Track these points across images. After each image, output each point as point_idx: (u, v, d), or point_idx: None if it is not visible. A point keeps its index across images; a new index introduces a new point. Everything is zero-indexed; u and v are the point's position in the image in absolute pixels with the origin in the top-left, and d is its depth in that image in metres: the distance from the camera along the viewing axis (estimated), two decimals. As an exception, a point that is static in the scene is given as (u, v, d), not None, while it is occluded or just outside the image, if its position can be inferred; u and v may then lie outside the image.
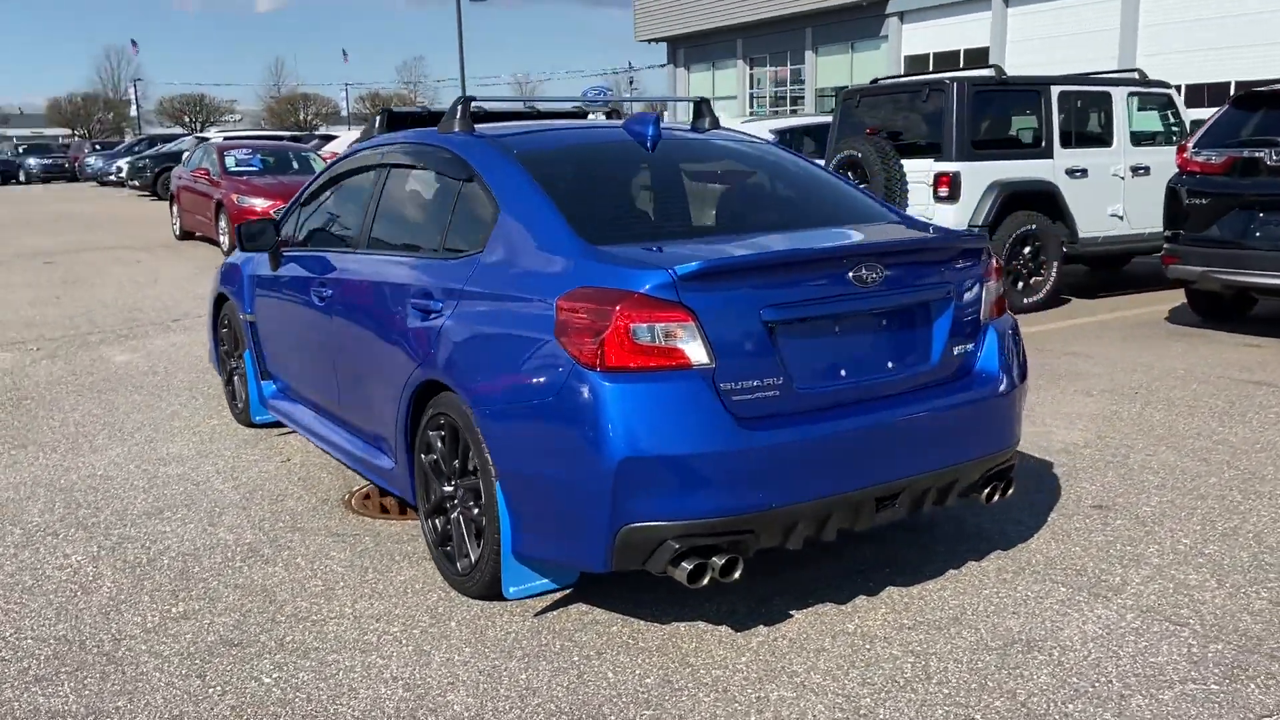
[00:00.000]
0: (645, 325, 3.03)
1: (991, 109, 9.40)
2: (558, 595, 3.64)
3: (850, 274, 3.28)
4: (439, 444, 3.70)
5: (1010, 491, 3.78)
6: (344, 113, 63.10)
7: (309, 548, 4.17)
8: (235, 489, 4.91)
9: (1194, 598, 3.57)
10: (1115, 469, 4.93)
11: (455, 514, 3.69)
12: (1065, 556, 3.94)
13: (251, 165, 15.90)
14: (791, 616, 3.50)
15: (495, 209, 3.66)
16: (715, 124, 4.64)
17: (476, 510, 3.54)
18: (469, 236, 3.78)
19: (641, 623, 3.46)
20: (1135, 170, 9.79)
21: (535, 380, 3.21)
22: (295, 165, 16.53)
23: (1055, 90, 9.45)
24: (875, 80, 10.52)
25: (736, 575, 3.17)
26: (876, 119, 9.75)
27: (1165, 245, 8.35)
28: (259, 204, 14.42)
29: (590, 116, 5.82)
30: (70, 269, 13.68)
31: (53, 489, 4.95)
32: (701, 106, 4.68)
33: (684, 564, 3.09)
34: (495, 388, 3.37)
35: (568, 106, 5.75)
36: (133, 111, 69.15)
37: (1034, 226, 9.23)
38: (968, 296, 3.62)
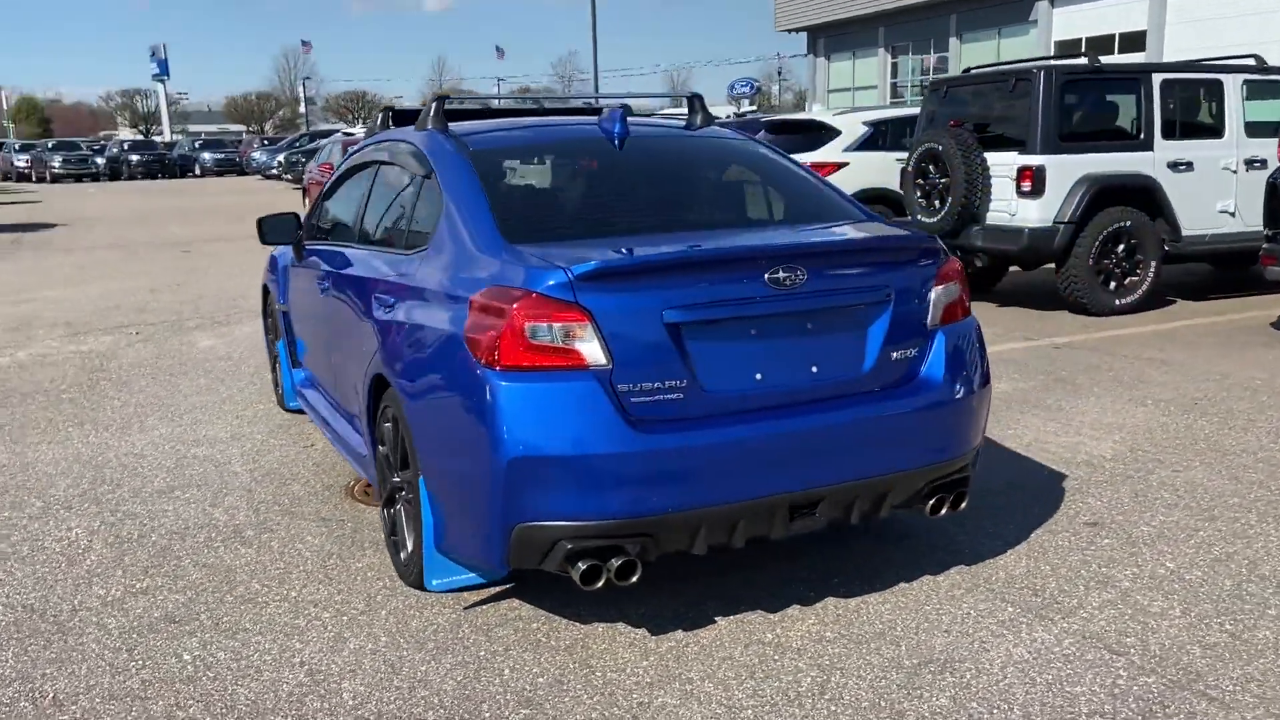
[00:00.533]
0: (541, 325, 3.03)
1: (1083, 99, 8.94)
2: (496, 589, 3.68)
3: (767, 275, 3.20)
4: (388, 436, 3.79)
5: (963, 504, 3.62)
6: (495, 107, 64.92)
7: (290, 532, 4.33)
8: (250, 472, 5.13)
9: (1147, 626, 3.34)
10: (1131, 485, 4.64)
11: (398, 505, 3.78)
12: (1030, 575, 3.74)
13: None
14: (714, 623, 3.44)
15: (442, 206, 3.72)
16: (708, 120, 4.58)
17: (411, 502, 3.62)
18: (422, 232, 3.85)
19: (563, 621, 3.47)
20: (1250, 164, 9.14)
21: (448, 377, 3.26)
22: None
23: (1157, 79, 8.91)
24: (967, 70, 10.13)
25: (633, 579, 3.14)
26: (965, 111, 9.40)
27: (1264, 245, 7.78)
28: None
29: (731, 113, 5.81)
30: (200, 258, 14.48)
31: (87, 465, 5.28)
32: (694, 102, 4.63)
33: (580, 564, 3.08)
34: (421, 383, 3.44)
35: (577, 103, 5.76)
36: (302, 108, 72.70)
37: (1128, 223, 8.73)
38: (911, 300, 3.48)
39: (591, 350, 3.04)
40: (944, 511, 3.58)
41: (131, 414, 6.27)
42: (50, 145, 47.74)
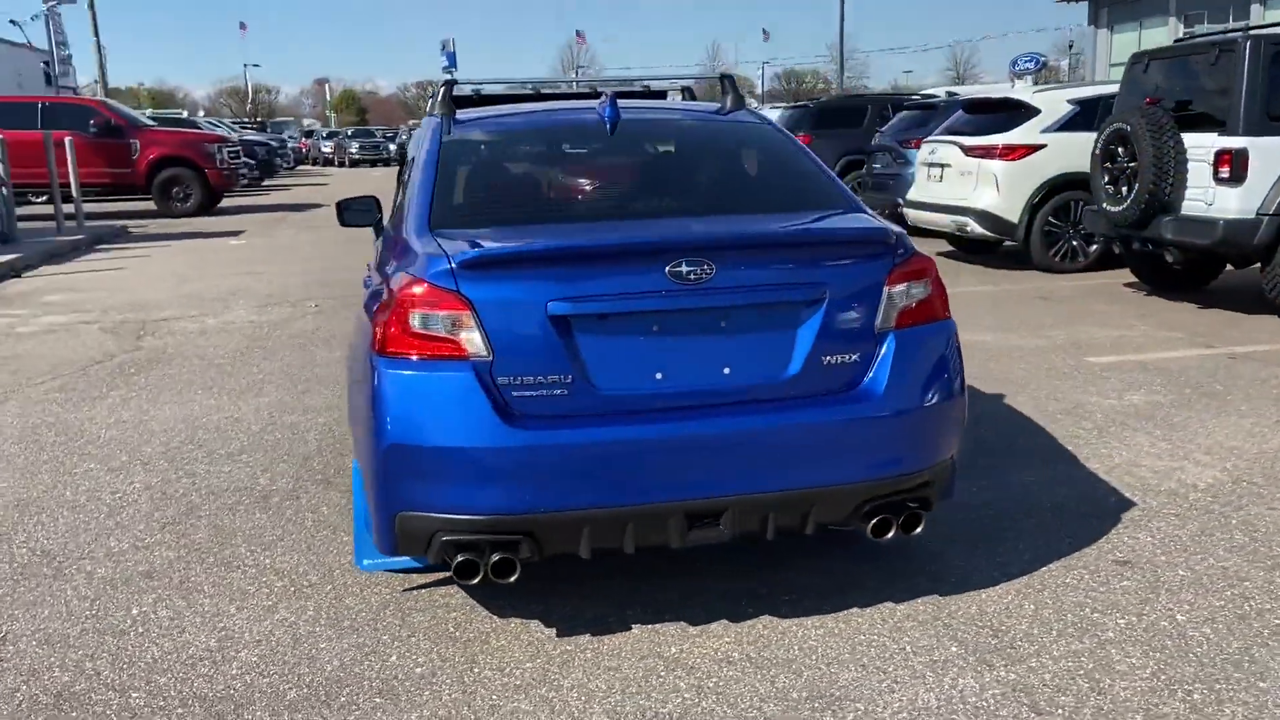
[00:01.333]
0: (423, 313, 3.00)
1: (1301, 72, 7.77)
2: (441, 575, 3.69)
3: (668, 269, 3.00)
4: (362, 416, 3.88)
5: (917, 527, 3.27)
6: (758, 90, 64.38)
7: (311, 502, 4.53)
8: (318, 441, 5.40)
9: (1098, 686, 2.89)
10: (1204, 521, 4.02)
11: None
12: (1006, 613, 3.33)
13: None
14: (628, 630, 3.30)
15: (406, 192, 3.75)
16: (739, 103, 4.35)
17: None
18: (395, 219, 3.90)
19: (483, 613, 3.43)
20: None
21: (358, 362, 3.30)
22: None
23: (1398, 48, 7.61)
24: (1180, 39, 9.05)
25: (512, 579, 3.05)
26: (1166, 86, 8.42)
27: None
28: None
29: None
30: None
31: (188, 426, 5.73)
32: (724, 83, 4.41)
33: (457, 558, 3.03)
34: (351, 367, 3.50)
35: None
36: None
37: (1352, 217, 7.54)
38: (854, 300, 3.16)
39: (472, 341, 2.97)
40: (891, 534, 3.24)
41: (259, 381, 6.75)
42: (349, 133, 52.07)
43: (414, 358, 3.01)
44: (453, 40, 67.29)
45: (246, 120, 58.29)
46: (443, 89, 4.28)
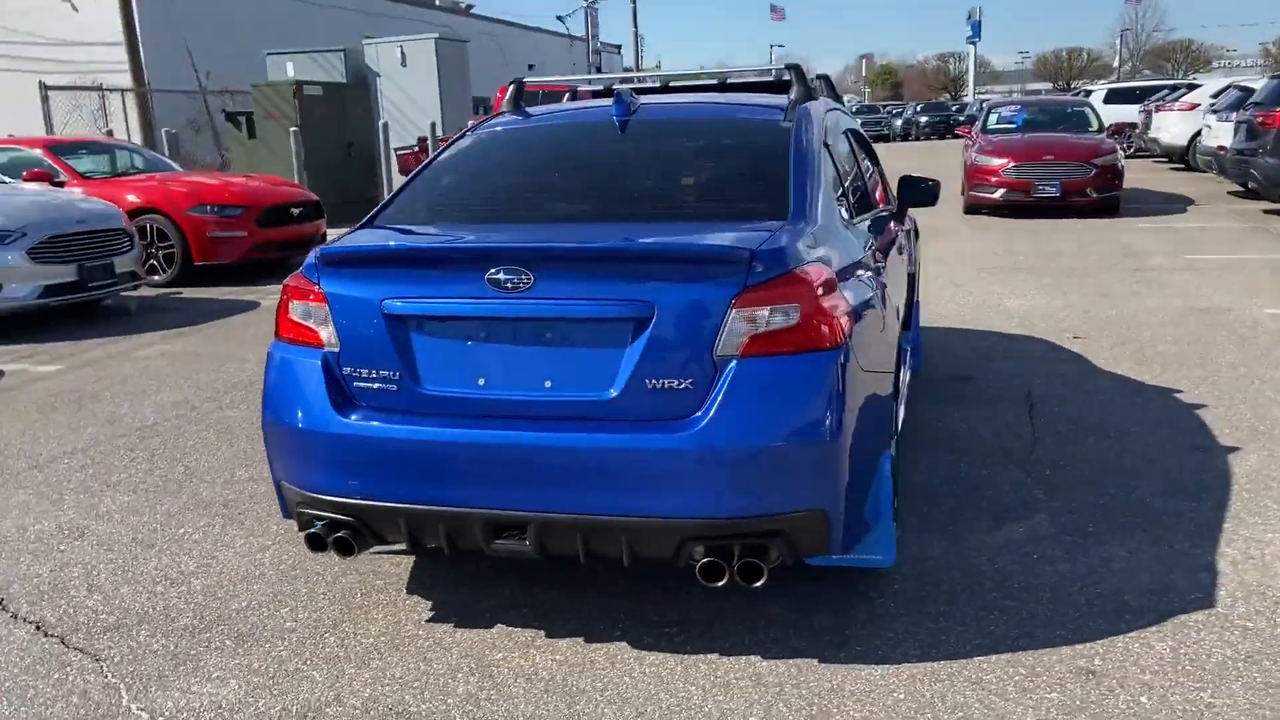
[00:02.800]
0: (295, 303, 3.27)
1: None
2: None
3: (487, 276, 2.99)
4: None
5: (758, 580, 2.95)
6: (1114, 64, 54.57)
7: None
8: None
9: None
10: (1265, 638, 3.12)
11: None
12: (863, 696, 2.90)
13: (1012, 122, 15.68)
14: (512, 631, 3.33)
15: None
16: (806, 95, 4.07)
17: None
18: None
19: (414, 599, 3.62)
20: None
21: None
22: (1069, 121, 15.79)
23: None
24: None
25: (351, 557, 3.24)
26: None
27: None
28: (995, 163, 14.35)
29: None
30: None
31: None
32: (792, 74, 4.14)
33: (309, 530, 3.28)
34: None
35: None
36: (1115, 62, 69.08)
37: None
38: (689, 323, 2.90)
39: (326, 332, 3.19)
40: (723, 581, 2.96)
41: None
42: (853, 110, 52.55)
43: (288, 343, 3.29)
44: (979, 9, 64.86)
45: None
46: (512, 87, 4.46)
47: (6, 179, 9.84)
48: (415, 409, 3.10)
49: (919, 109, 52.50)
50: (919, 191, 5.38)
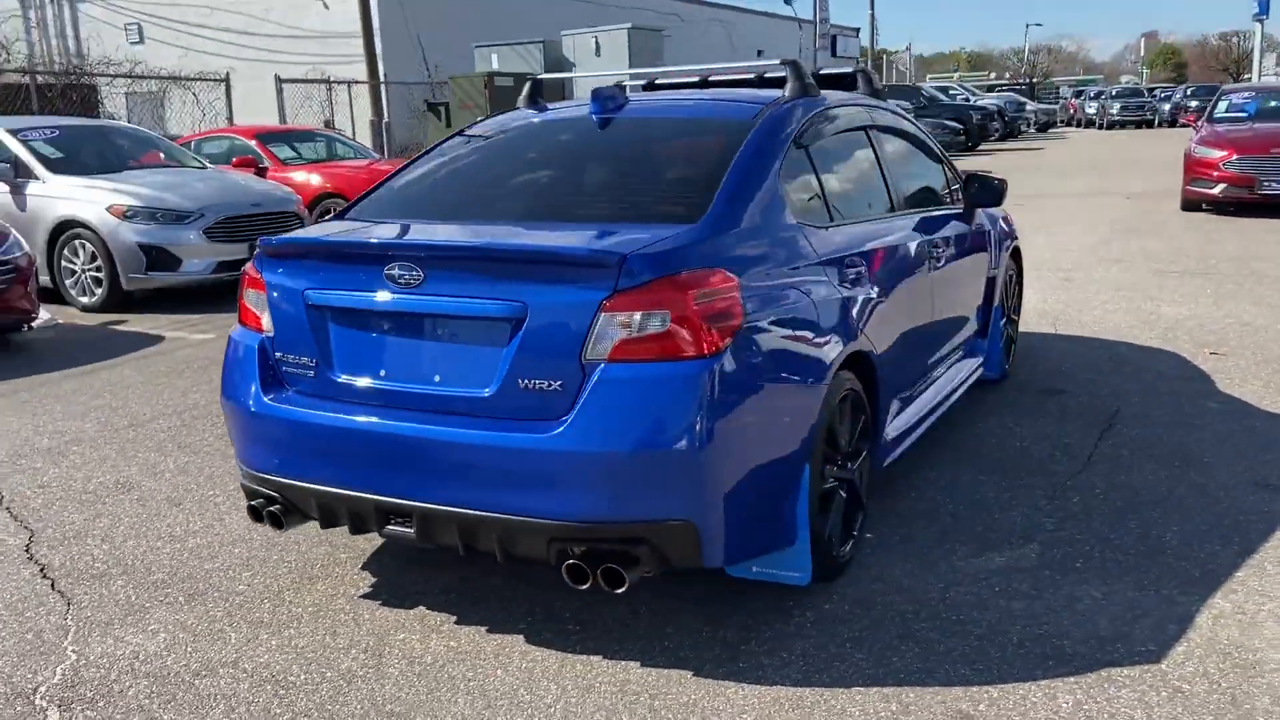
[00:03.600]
0: (248, 289, 3.51)
1: None
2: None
3: (385, 271, 3.11)
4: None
5: (621, 586, 2.94)
6: None
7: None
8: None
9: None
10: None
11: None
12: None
13: (1242, 111, 14.27)
14: (427, 615, 3.47)
15: None
16: (800, 90, 3.97)
17: None
18: None
19: (364, 574, 3.82)
20: None
21: None
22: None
23: None
24: None
25: (282, 530, 3.45)
26: None
27: None
28: (1214, 155, 13.17)
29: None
30: (1032, 212, 14.35)
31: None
32: (796, 72, 4.02)
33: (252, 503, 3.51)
34: None
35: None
36: None
37: None
38: (559, 324, 2.91)
39: (266, 318, 3.41)
40: (588, 585, 2.96)
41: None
42: (1113, 92, 49.04)
43: (241, 326, 3.53)
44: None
45: (1018, 82, 58.05)
46: (528, 85, 4.56)
47: (207, 164, 10.84)
48: (327, 395, 3.26)
49: (1188, 92, 48.25)
50: (984, 190, 5.08)
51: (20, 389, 6.47)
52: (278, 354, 3.37)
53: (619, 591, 2.96)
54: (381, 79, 20.48)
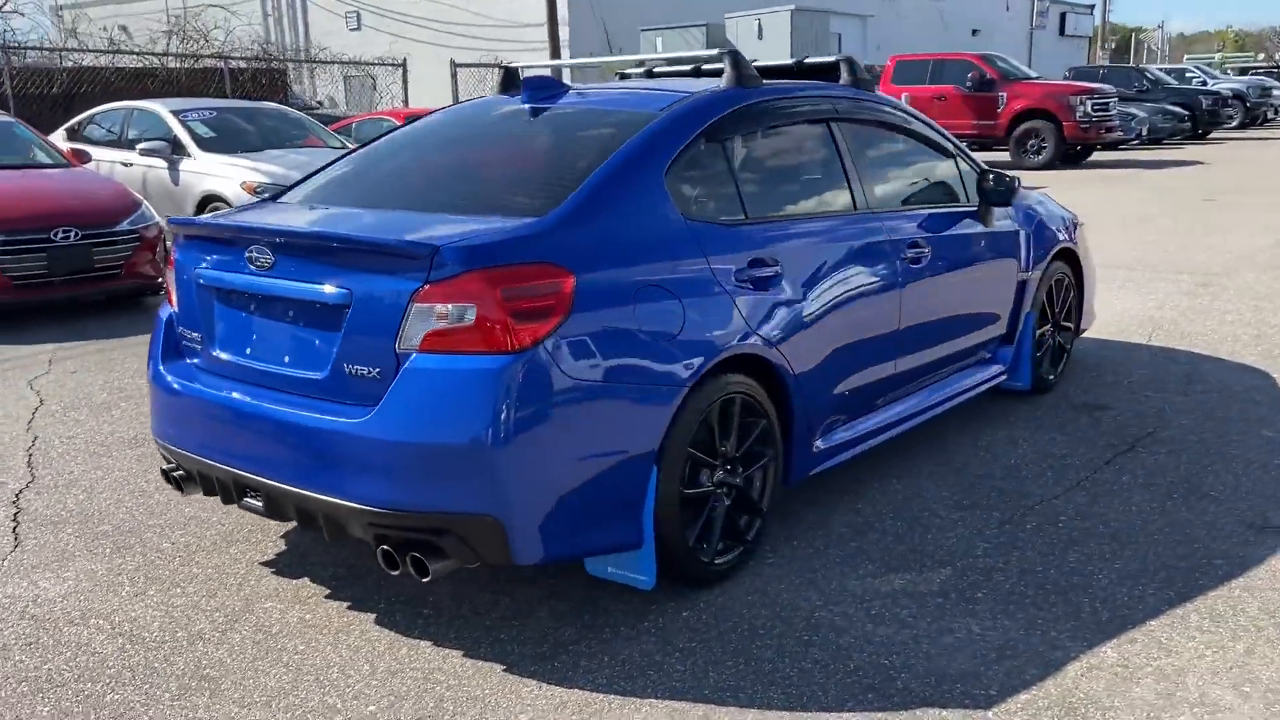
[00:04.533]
0: (168, 268, 3.74)
1: None
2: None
3: (246, 254, 3.25)
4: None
5: (426, 575, 2.97)
6: None
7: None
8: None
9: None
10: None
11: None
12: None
13: None
14: (319, 587, 3.62)
15: None
16: (734, 83, 3.85)
17: None
18: None
19: (290, 539, 4.03)
20: None
21: None
22: None
23: None
24: None
25: (183, 494, 3.66)
26: None
27: None
28: None
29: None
30: (1224, 212, 13.22)
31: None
32: (735, 62, 3.90)
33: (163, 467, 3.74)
34: None
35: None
36: None
37: None
38: (376, 313, 2.96)
39: (174, 294, 3.63)
40: (399, 572, 3.01)
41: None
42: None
43: (165, 303, 3.76)
44: None
45: (1274, 65, 53.03)
46: (503, 74, 4.61)
47: (348, 144, 11.45)
48: (209, 370, 3.44)
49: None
50: (995, 189, 4.75)
51: (117, 346, 7.08)
52: (179, 329, 3.57)
53: (426, 580, 2.99)
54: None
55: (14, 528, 4.08)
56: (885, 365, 4.20)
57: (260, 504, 3.24)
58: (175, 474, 3.58)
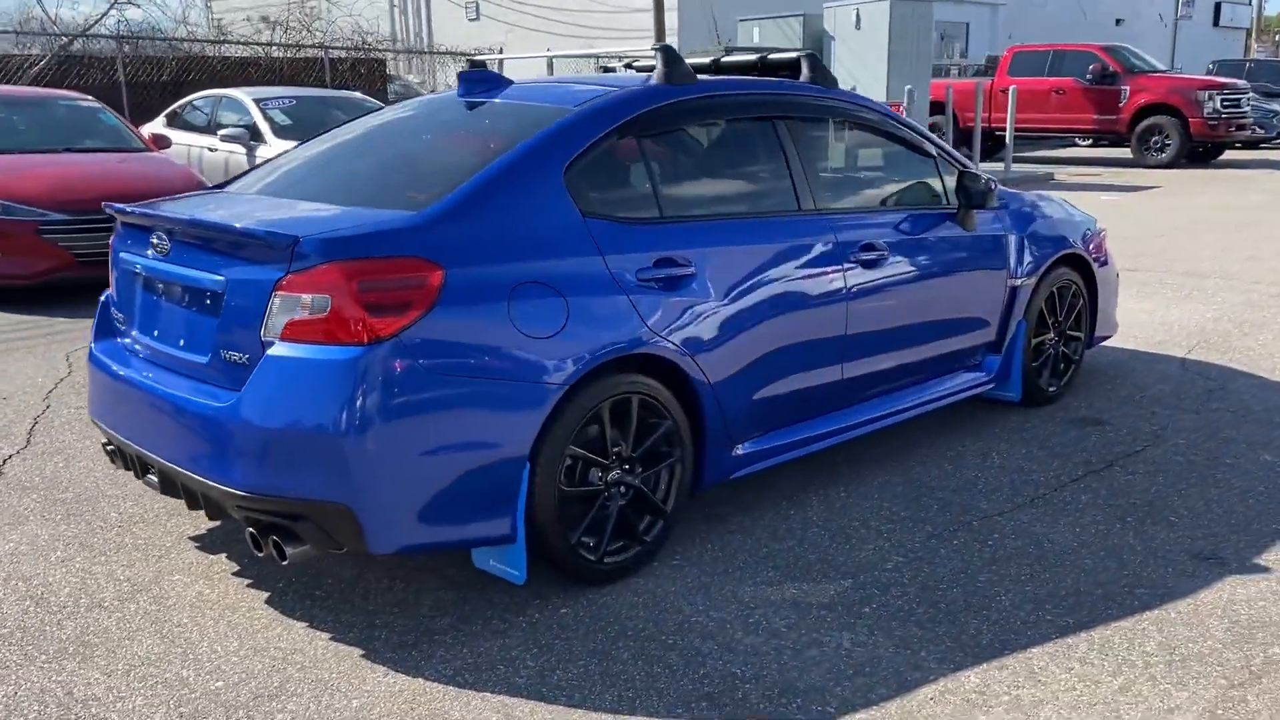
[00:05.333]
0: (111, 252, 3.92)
1: None
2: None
3: (151, 239, 3.39)
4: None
5: (284, 559, 3.05)
6: None
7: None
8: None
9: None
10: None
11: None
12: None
13: None
14: (232, 565, 3.77)
15: None
16: (665, 79, 3.83)
17: None
18: None
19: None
20: None
21: None
22: None
23: None
24: None
25: (116, 469, 3.84)
26: None
27: None
28: None
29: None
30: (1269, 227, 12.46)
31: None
32: (668, 59, 3.88)
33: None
34: None
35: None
36: None
37: None
38: (246, 301, 3.04)
39: (111, 279, 3.81)
40: (264, 554, 3.11)
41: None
42: None
43: (108, 290, 3.93)
44: None
45: None
46: (468, 64, 4.67)
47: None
48: (128, 351, 3.60)
49: None
50: (973, 190, 4.58)
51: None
52: (113, 310, 3.74)
53: (284, 564, 3.07)
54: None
55: (-10, 493, 4.34)
56: (829, 371, 4.10)
57: (157, 481, 3.38)
58: (108, 449, 3.76)
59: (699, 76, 4.05)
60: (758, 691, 2.85)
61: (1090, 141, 21.10)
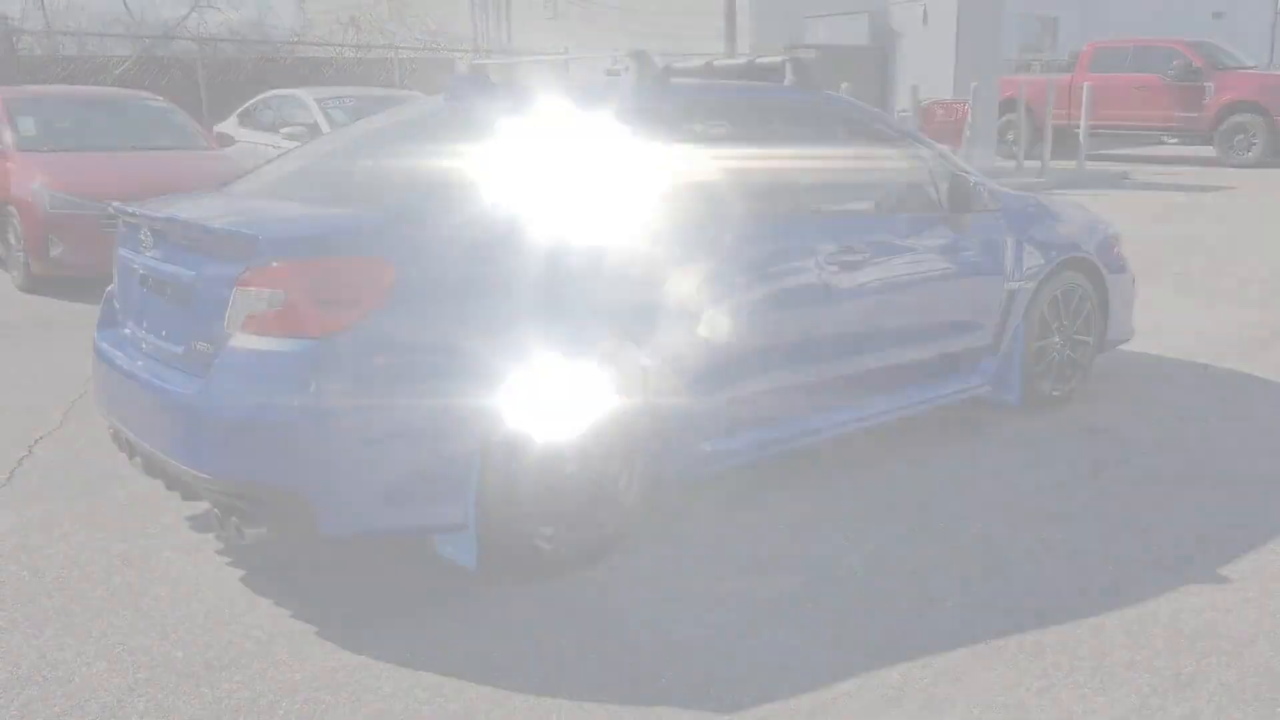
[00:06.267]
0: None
1: None
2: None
3: (138, 236, 3.61)
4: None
5: (244, 539, 3.24)
6: None
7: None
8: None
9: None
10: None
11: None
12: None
13: None
14: (204, 540, 3.98)
15: None
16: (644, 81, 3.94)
17: None
18: None
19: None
20: None
21: None
22: None
23: None
24: None
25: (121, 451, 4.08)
26: None
27: None
28: None
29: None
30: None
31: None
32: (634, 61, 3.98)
33: None
34: None
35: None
36: None
37: None
38: (213, 295, 3.24)
39: (114, 272, 4.05)
40: (226, 534, 3.30)
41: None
42: None
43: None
44: None
45: None
46: (465, 67, 4.82)
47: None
48: (124, 340, 3.83)
49: None
50: (959, 192, 4.59)
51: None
52: (115, 301, 3.98)
53: (244, 543, 3.25)
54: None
55: (14, 469, 4.63)
56: (802, 373, 4.15)
57: (141, 464, 3.60)
58: (112, 433, 4.00)
59: (685, 80, 4.14)
60: (679, 682, 2.94)
61: (1178, 140, 20.46)
